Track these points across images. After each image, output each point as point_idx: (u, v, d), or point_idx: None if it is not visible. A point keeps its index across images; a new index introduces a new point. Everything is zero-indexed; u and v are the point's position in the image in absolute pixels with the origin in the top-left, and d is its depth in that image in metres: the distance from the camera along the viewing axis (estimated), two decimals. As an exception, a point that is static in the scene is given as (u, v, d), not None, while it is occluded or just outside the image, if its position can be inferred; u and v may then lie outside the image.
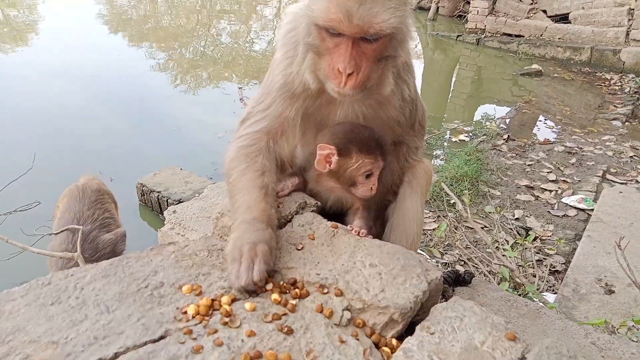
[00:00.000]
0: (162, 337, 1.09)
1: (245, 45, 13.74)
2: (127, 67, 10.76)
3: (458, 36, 12.90)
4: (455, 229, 5.11)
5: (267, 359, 1.06)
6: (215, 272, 1.35)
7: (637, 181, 6.30)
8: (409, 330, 1.32)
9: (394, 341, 1.25)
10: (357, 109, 1.76)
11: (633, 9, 10.79)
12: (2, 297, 1.15)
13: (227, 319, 1.16)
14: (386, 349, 1.22)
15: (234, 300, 1.24)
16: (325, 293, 1.30)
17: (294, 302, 1.25)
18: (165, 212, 2.45)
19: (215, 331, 1.12)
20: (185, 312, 1.17)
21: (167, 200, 5.58)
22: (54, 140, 7.36)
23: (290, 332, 1.16)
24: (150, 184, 5.84)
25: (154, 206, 5.77)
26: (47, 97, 8.88)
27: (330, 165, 1.69)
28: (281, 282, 1.34)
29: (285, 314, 1.21)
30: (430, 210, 5.50)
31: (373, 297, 1.27)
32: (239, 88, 9.57)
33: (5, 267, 4.07)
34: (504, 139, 7.46)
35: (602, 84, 10.05)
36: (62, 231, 3.92)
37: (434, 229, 5.21)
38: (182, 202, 4.53)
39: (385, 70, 1.58)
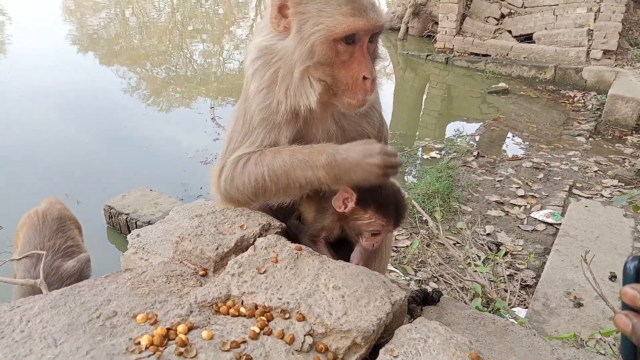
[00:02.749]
0: (112, 371, 1.03)
1: (218, 65, 13.73)
2: (97, 88, 10.61)
3: (427, 55, 13.18)
4: (428, 245, 5.13)
5: (223, 391, 1.02)
6: (172, 299, 1.30)
7: (602, 195, 6.49)
8: (373, 353, 1.30)
9: (357, 366, 1.23)
10: (334, 126, 1.76)
11: (592, 30, 11.26)
12: (-61, 333, 1.08)
13: (182, 349, 1.11)
14: (349, 374, 1.19)
15: (190, 329, 1.19)
16: (287, 318, 1.27)
17: (254, 328, 1.21)
18: (128, 236, 2.37)
19: (170, 363, 1.08)
20: (139, 343, 1.12)
21: (135, 222, 5.46)
22: (18, 162, 7.15)
23: (248, 360, 1.12)
24: (118, 206, 5.71)
25: (122, 229, 5.63)
26: (11, 117, 8.66)
27: (345, 208, 1.68)
28: (241, 309, 1.30)
29: (244, 342, 1.17)
30: (402, 228, 5.53)
31: (336, 321, 1.24)
32: (211, 107, 9.52)
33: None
34: (474, 156, 7.60)
35: (566, 102, 10.39)
36: (24, 257, 3.77)
37: (406, 246, 5.23)
38: (151, 224, 4.43)
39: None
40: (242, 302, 1.32)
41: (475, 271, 4.34)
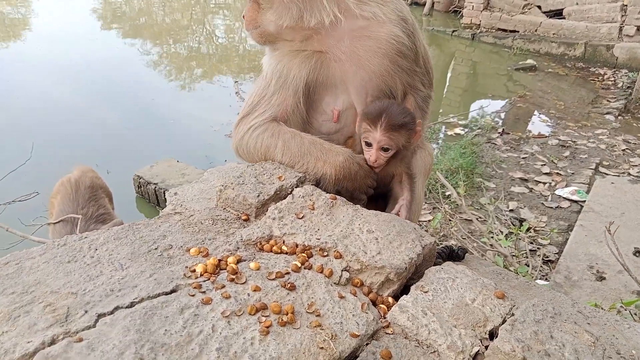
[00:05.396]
0: (173, 291, 1.16)
1: (240, 40, 13.78)
2: (122, 62, 10.80)
3: (453, 31, 12.98)
4: (450, 218, 5.19)
5: (272, 310, 1.14)
6: (220, 237, 1.42)
7: (629, 174, 6.40)
8: (404, 292, 1.40)
9: (390, 299, 1.33)
10: (353, 51, 1.79)
11: (626, 5, 10.90)
12: (22, 256, 1.23)
13: (233, 276, 1.23)
14: (383, 305, 1.30)
15: (239, 261, 1.31)
16: (325, 256, 1.38)
17: (296, 262, 1.33)
18: (166, 194, 2.51)
19: (223, 286, 1.20)
20: (194, 270, 1.25)
21: (164, 192, 5.64)
22: (51, 134, 7.40)
23: (293, 288, 1.23)
24: (147, 176, 5.89)
25: (151, 198, 5.82)
26: (42, 91, 8.91)
27: (358, 130, 1.85)
28: (283, 247, 1.42)
29: (288, 273, 1.29)
30: (425, 202, 5.58)
31: (370, 259, 1.34)
32: (235, 82, 9.62)
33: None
34: (499, 133, 7.54)
35: (596, 79, 10.15)
36: (60, 221, 3.95)
37: (429, 221, 5.29)
38: (180, 191, 4.59)
39: None
40: (283, 241, 1.44)
41: (499, 244, 4.39)
